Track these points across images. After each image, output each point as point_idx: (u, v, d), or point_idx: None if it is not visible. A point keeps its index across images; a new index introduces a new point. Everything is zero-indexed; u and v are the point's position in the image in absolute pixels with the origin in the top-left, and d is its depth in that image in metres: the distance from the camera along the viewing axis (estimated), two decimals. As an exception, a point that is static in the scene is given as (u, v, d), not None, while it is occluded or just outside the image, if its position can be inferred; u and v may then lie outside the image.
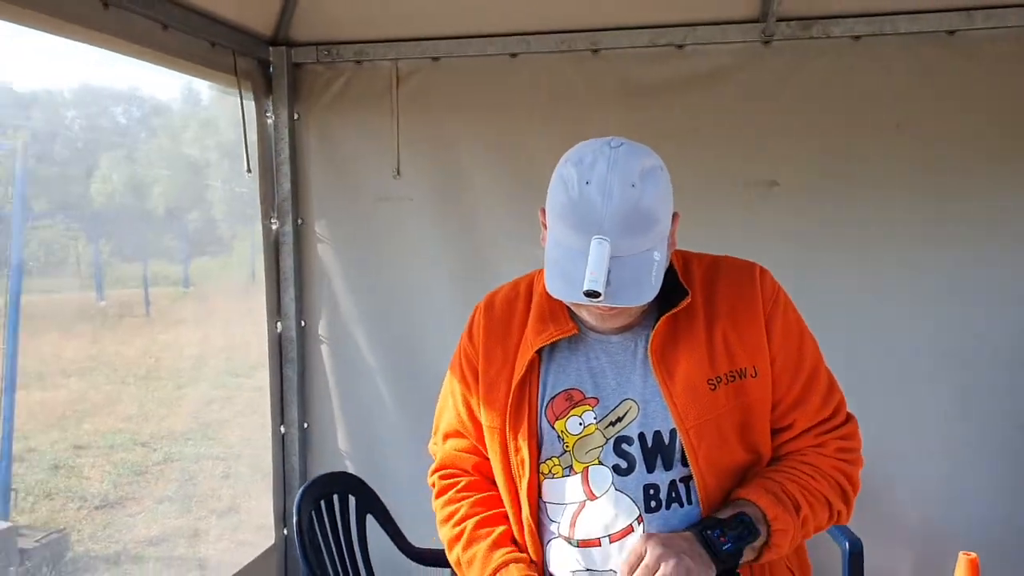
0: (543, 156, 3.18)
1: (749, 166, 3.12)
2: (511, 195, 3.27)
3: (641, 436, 1.40)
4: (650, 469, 1.39)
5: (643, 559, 1.28)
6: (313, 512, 2.38)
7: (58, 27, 2.40)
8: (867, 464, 1.53)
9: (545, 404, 1.45)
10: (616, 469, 1.40)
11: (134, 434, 7.58)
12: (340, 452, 3.47)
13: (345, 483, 2.59)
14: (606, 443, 1.41)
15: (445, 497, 1.58)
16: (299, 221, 3.43)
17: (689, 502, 1.40)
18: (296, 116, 3.40)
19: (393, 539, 2.64)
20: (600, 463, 1.41)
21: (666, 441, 1.39)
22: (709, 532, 1.31)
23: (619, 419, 1.41)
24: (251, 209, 3.41)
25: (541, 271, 1.54)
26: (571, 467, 1.43)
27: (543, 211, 1.43)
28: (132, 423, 8.01)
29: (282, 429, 3.47)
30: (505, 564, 1.43)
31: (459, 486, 1.59)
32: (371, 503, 2.63)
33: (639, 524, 1.38)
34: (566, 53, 3.22)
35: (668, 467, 1.40)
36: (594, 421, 1.42)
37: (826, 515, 1.43)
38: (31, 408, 7.46)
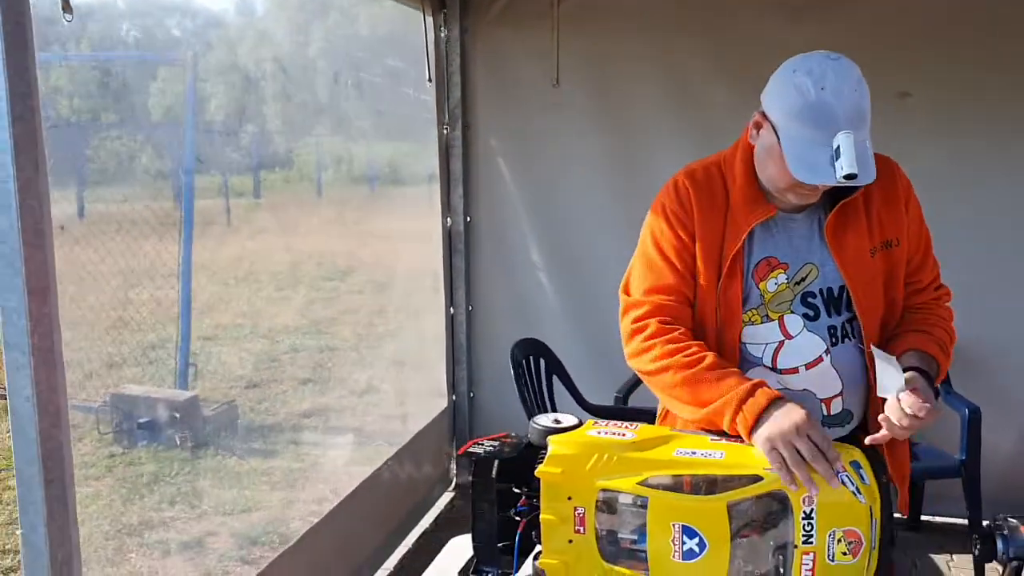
0: (692, 66, 3.61)
1: (883, 78, 3.42)
2: (663, 102, 3.65)
3: (821, 291, 1.82)
4: (829, 315, 1.82)
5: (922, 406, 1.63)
6: (520, 364, 2.89)
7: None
8: (984, 338, 1.90)
9: (752, 269, 1.85)
10: (806, 316, 1.82)
11: (253, 328, 8.19)
12: (500, 332, 3.95)
13: (537, 348, 3.07)
14: (795, 297, 1.82)
15: (670, 336, 1.78)
16: (466, 126, 3.84)
17: (852, 338, 1.83)
18: (465, 30, 3.78)
19: (573, 396, 3.13)
20: (792, 312, 1.82)
21: (836, 294, 1.82)
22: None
23: (803, 279, 1.83)
24: (309, 123, 3.72)
25: (724, 157, 1.87)
26: (767, 315, 1.84)
27: (762, 114, 1.73)
28: (248, 319, 8.63)
29: (451, 310, 3.96)
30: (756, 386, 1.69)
31: (681, 331, 1.82)
32: (556, 366, 3.10)
33: (827, 355, 1.81)
34: (719, -29, 3.54)
35: (839, 313, 1.83)
36: (786, 280, 1.83)
37: (951, 351, 1.87)
38: (150, 305, 8.10)
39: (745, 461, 1.48)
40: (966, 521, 3.20)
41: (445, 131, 3.83)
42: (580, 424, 1.60)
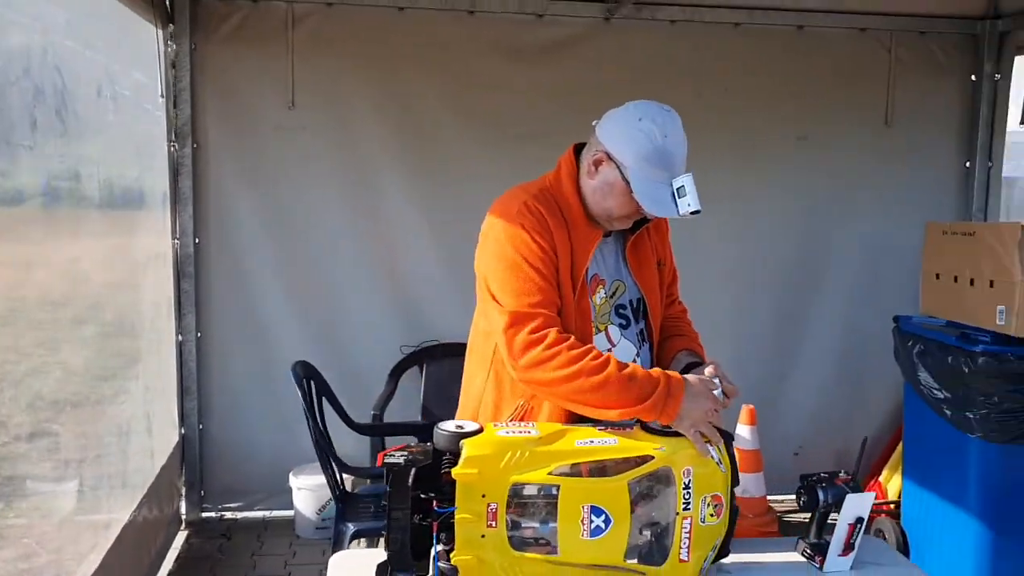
0: (425, 98, 3.84)
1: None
2: (395, 127, 3.83)
3: (629, 302, 2.16)
4: (636, 323, 2.16)
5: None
6: (302, 383, 2.89)
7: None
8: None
9: (589, 284, 2.12)
10: (620, 326, 2.14)
11: None
12: (233, 359, 3.83)
13: (309, 370, 3.05)
14: (612, 309, 2.13)
15: (570, 342, 1.91)
16: (195, 145, 3.68)
17: (647, 341, 2.18)
18: (194, 47, 3.63)
19: (340, 416, 3.16)
20: (611, 323, 2.13)
21: (635, 305, 2.17)
22: None
23: (614, 292, 2.15)
24: None
25: (548, 185, 2.06)
26: (598, 327, 2.12)
27: (606, 154, 1.96)
28: None
29: (179, 337, 3.74)
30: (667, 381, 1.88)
31: (574, 338, 1.95)
32: (324, 388, 3.11)
33: (637, 357, 2.13)
34: (447, 12, 3.79)
35: (638, 321, 2.17)
36: (604, 295, 2.14)
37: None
38: None
39: (635, 444, 1.71)
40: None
41: (173, 149, 3.64)
42: (481, 429, 1.72)
